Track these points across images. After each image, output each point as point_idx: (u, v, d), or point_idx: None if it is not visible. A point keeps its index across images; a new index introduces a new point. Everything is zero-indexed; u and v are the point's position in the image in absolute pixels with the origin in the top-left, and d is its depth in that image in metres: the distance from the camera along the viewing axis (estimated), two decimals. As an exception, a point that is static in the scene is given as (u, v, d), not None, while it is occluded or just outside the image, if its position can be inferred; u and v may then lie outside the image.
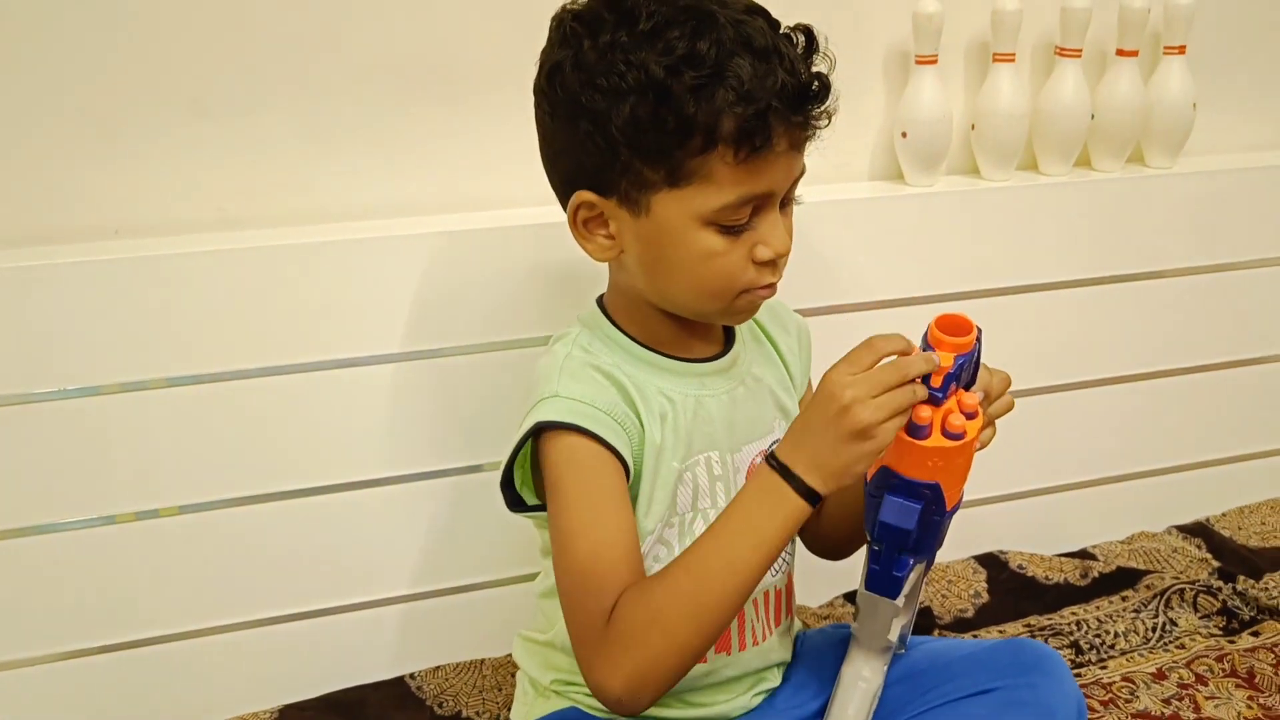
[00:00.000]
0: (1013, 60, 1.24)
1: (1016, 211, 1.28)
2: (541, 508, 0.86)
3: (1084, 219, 1.31)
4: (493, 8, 1.11)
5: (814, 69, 0.79)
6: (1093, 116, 1.28)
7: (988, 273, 1.28)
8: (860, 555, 0.87)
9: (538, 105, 0.82)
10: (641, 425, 0.83)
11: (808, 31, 0.80)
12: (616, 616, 0.77)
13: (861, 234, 1.22)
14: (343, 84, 1.09)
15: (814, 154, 0.82)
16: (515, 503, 0.87)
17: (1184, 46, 1.29)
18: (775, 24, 0.79)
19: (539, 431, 0.81)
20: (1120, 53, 1.28)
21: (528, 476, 0.86)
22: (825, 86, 0.79)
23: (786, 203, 0.82)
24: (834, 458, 0.75)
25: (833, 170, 1.27)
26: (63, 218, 1.06)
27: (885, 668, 0.87)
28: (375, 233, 1.08)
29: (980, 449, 0.79)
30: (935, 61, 1.21)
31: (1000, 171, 1.28)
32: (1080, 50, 1.25)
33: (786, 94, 0.75)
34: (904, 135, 1.23)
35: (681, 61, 0.74)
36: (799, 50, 0.79)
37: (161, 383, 1.04)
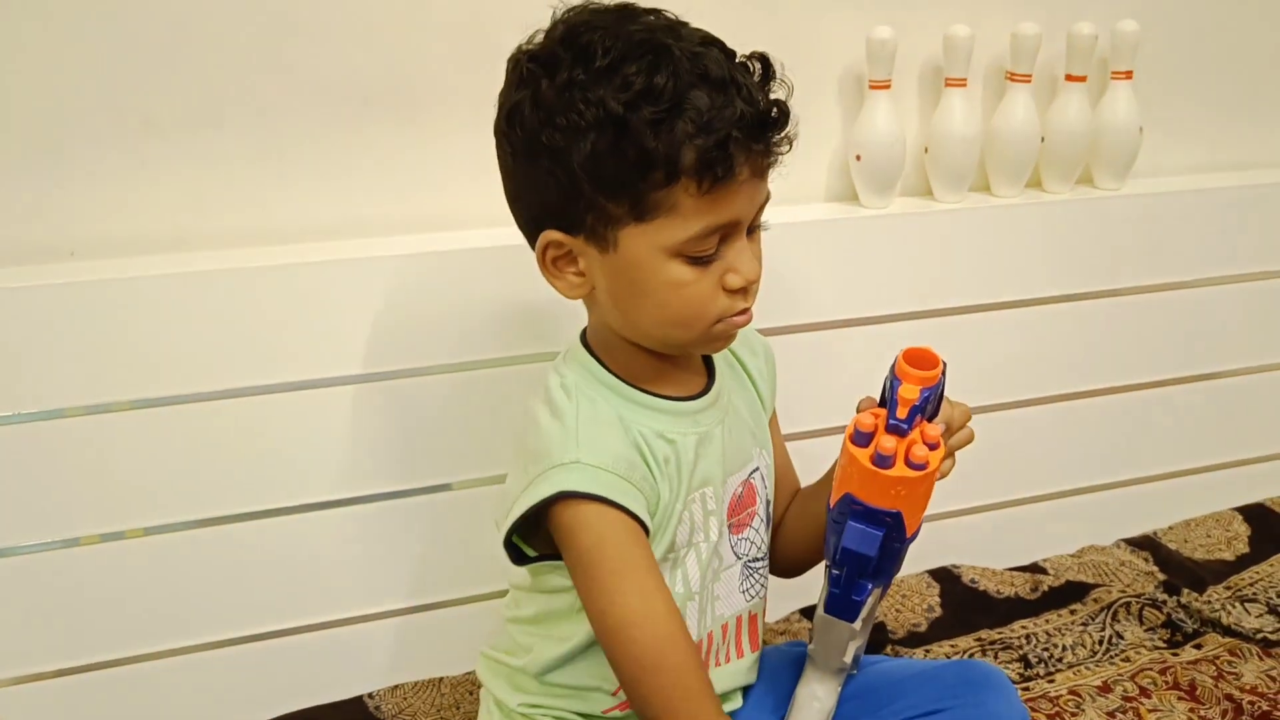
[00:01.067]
0: (964, 85, 1.26)
1: (969, 232, 1.31)
2: (544, 558, 0.86)
3: (1035, 239, 1.33)
4: (445, 28, 1.11)
5: (772, 96, 0.79)
6: (1043, 140, 1.31)
7: (941, 292, 1.30)
8: (818, 576, 0.89)
9: (499, 147, 0.83)
10: (655, 483, 0.83)
11: (764, 59, 0.81)
12: None
13: (817, 255, 1.24)
14: (297, 104, 1.09)
15: (772, 177, 0.84)
16: (518, 557, 0.87)
17: (1130, 72, 1.32)
18: (731, 54, 0.80)
19: (557, 497, 0.80)
20: (1069, 78, 1.31)
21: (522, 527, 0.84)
22: (784, 113, 0.79)
23: (753, 229, 0.83)
24: None
25: (789, 192, 1.28)
26: (17, 238, 1.05)
27: (839, 688, 0.89)
28: (337, 255, 1.09)
29: (940, 479, 0.81)
30: (889, 86, 1.23)
31: (953, 193, 1.31)
32: (1030, 76, 1.28)
33: (745, 123, 0.76)
34: (858, 158, 1.25)
35: (639, 96, 0.74)
36: (756, 78, 0.79)
37: (126, 405, 1.04)
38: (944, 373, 0.80)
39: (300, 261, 1.07)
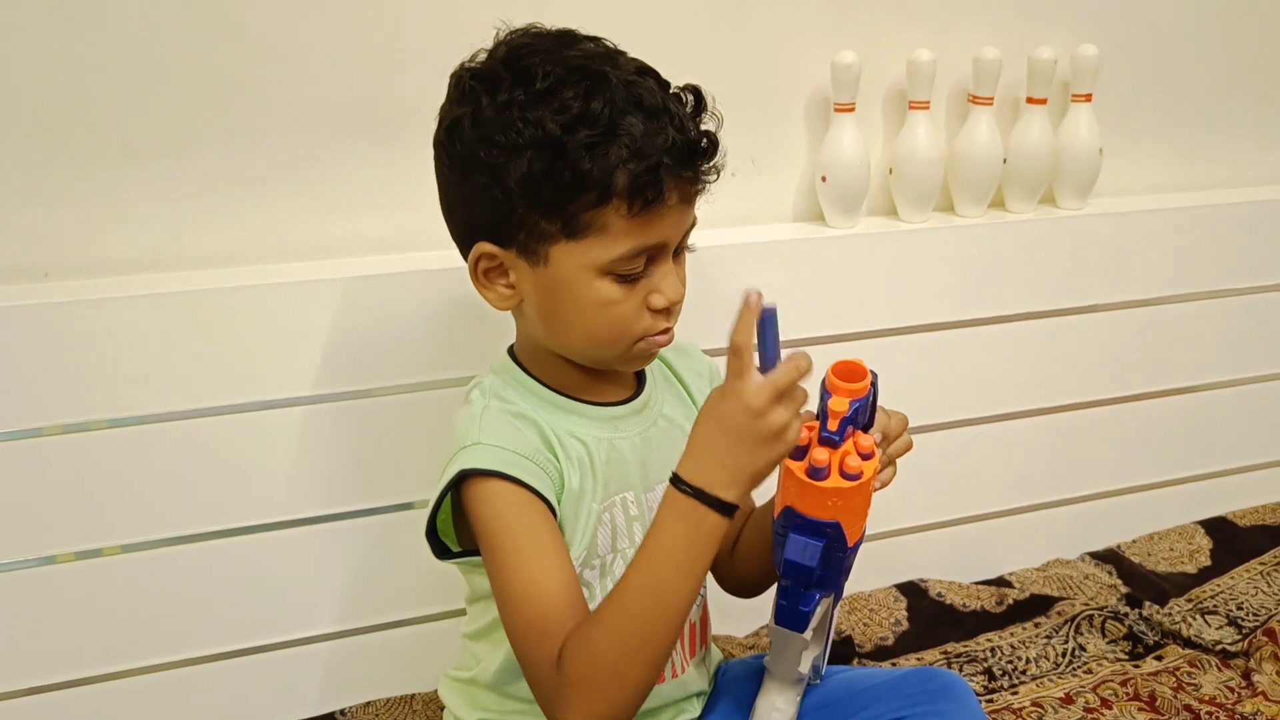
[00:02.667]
0: (928, 108, 1.29)
1: (934, 252, 1.33)
2: (467, 554, 0.88)
3: (999, 259, 1.36)
4: (417, 54, 1.13)
5: (702, 127, 0.83)
6: (1005, 161, 1.34)
7: (907, 311, 1.33)
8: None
9: (437, 159, 0.86)
10: (561, 470, 0.86)
11: (696, 91, 0.84)
12: (565, 664, 0.78)
13: (784, 274, 1.26)
14: (270, 126, 1.11)
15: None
16: (442, 551, 0.89)
17: (1090, 95, 1.36)
18: (665, 84, 0.83)
19: (462, 480, 0.83)
20: (1030, 101, 1.34)
21: (449, 525, 0.88)
22: (713, 144, 0.83)
23: (679, 252, 0.86)
24: (750, 463, 0.76)
25: (757, 212, 1.31)
26: (-7, 259, 1.07)
27: (799, 698, 0.91)
28: (309, 276, 1.10)
29: (880, 488, 0.83)
30: (853, 109, 1.25)
31: (918, 213, 1.33)
32: (992, 99, 1.31)
33: (676, 150, 0.79)
34: (824, 179, 1.27)
35: (576, 120, 0.77)
36: (688, 109, 0.83)
37: (102, 424, 1.05)
38: (874, 384, 0.81)
39: (273, 282, 1.09)
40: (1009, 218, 1.37)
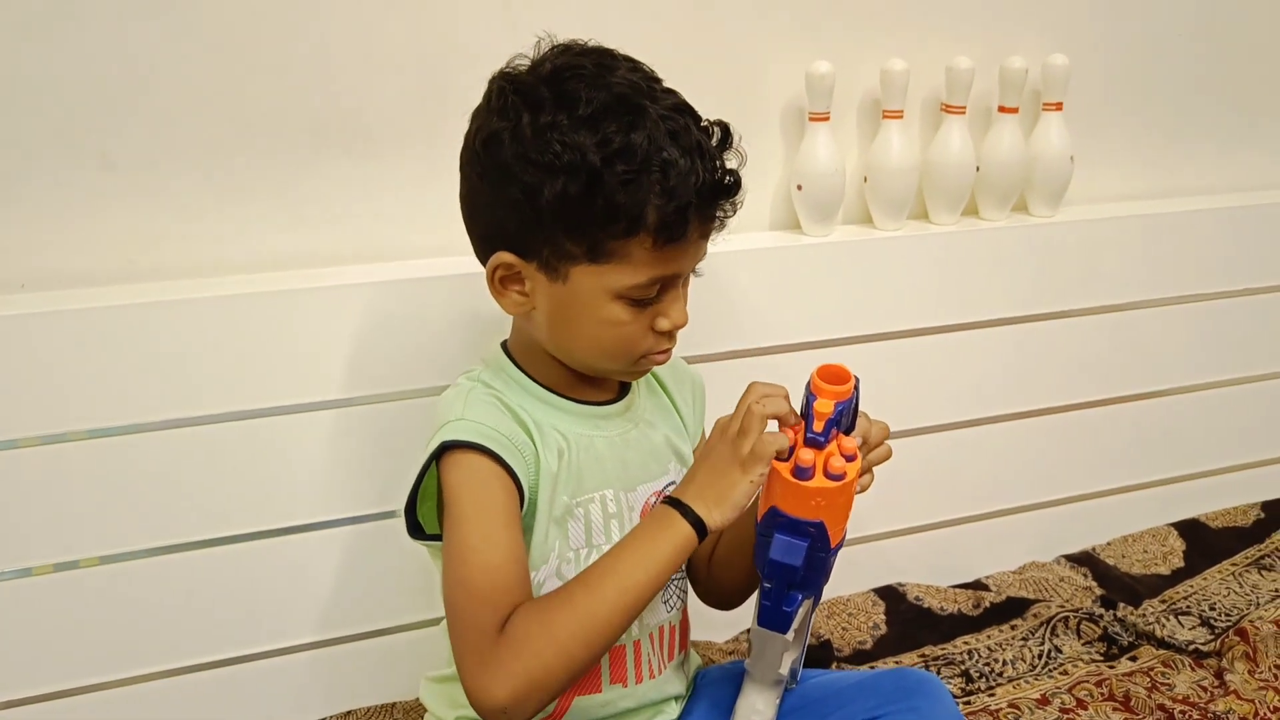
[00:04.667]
0: (901, 117, 1.31)
1: (908, 259, 1.35)
2: (439, 537, 0.89)
3: (973, 265, 1.38)
4: (396, 66, 1.14)
5: (728, 165, 0.85)
6: (978, 169, 1.36)
7: (882, 317, 1.34)
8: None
9: (469, 164, 0.86)
10: (538, 454, 0.87)
11: (724, 127, 0.86)
12: (510, 626, 0.80)
13: (762, 282, 1.28)
14: (249, 136, 1.12)
15: (730, 216, 0.88)
16: (414, 528, 0.91)
17: (1061, 104, 1.38)
18: (698, 119, 0.85)
19: (442, 453, 0.85)
20: (1002, 109, 1.36)
21: (433, 508, 0.89)
22: (737, 183, 0.85)
23: (686, 279, 0.89)
24: (719, 482, 0.83)
25: (734, 221, 1.31)
26: (-32, 271, 1.07)
27: (778, 700, 0.92)
28: (282, 285, 1.11)
29: (860, 492, 0.85)
30: (827, 119, 1.27)
31: (892, 221, 1.35)
32: (964, 108, 1.33)
33: (705, 190, 0.82)
34: (799, 188, 1.29)
35: (616, 154, 0.79)
36: (714, 144, 0.84)
37: (80, 435, 1.05)
38: (857, 388, 0.84)
39: (250, 292, 1.09)
40: (982, 225, 1.39)
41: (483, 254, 0.88)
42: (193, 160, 1.11)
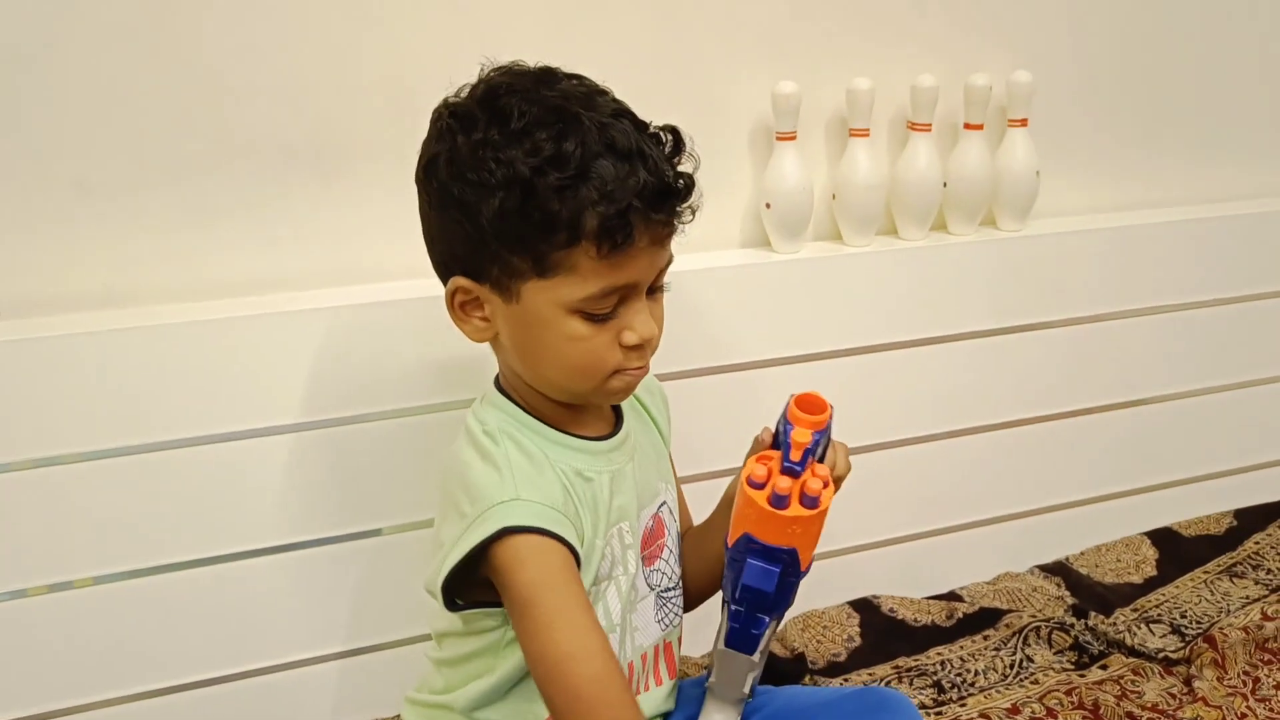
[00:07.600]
0: (868, 135, 1.32)
1: (878, 274, 1.36)
2: (481, 604, 0.87)
3: (942, 280, 1.39)
4: (369, 88, 1.16)
5: (679, 168, 0.84)
6: (945, 185, 1.37)
7: (853, 332, 1.35)
8: (715, 614, 0.93)
9: (419, 194, 0.87)
10: (578, 511, 0.86)
11: (675, 132, 0.85)
12: None
13: (732, 299, 1.29)
14: (221, 162, 1.13)
15: (678, 238, 0.87)
16: (452, 605, 0.87)
17: (1026, 120, 1.40)
18: (641, 125, 0.83)
19: (497, 535, 0.81)
20: (968, 126, 1.38)
21: (457, 578, 0.85)
22: (689, 185, 0.83)
23: (654, 290, 0.87)
24: None
25: (704, 239, 1.33)
26: (-55, 298, 1.08)
27: (739, 715, 0.93)
28: (258, 309, 1.12)
29: None
30: (794, 137, 1.29)
31: (861, 237, 1.36)
32: (930, 125, 1.35)
33: (647, 193, 0.79)
34: (768, 206, 1.30)
35: (547, 162, 0.78)
36: (665, 150, 0.83)
37: (72, 458, 1.06)
38: (831, 416, 0.85)
39: (227, 316, 1.10)
40: (951, 239, 1.41)
41: (443, 280, 0.88)
42: (166, 185, 1.12)
